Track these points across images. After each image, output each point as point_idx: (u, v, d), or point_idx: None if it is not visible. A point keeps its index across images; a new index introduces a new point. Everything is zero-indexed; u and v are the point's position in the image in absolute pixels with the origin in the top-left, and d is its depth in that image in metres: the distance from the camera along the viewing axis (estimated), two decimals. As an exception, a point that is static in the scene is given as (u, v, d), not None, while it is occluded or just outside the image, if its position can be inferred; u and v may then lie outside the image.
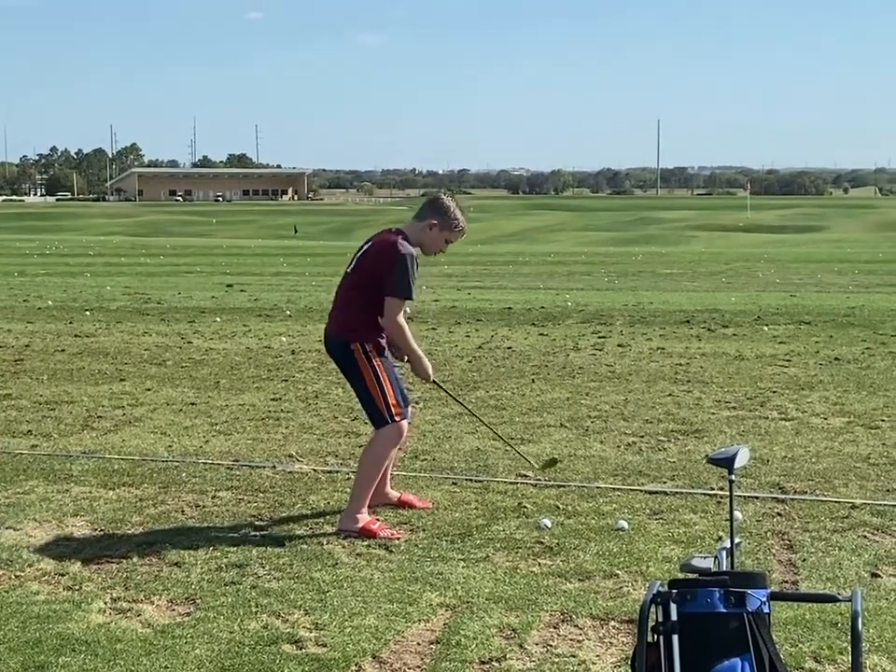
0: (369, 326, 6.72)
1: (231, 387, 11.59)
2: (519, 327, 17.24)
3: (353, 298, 6.77)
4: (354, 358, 6.73)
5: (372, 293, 6.67)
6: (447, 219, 6.81)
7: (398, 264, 6.58)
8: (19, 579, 5.84)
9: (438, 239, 6.85)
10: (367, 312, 6.72)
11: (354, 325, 6.73)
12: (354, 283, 6.79)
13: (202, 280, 29.84)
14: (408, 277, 6.58)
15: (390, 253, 6.63)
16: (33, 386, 11.58)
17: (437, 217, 6.81)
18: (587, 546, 6.33)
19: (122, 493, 7.51)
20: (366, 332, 6.72)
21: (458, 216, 6.85)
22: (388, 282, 6.58)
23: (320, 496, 7.44)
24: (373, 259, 6.72)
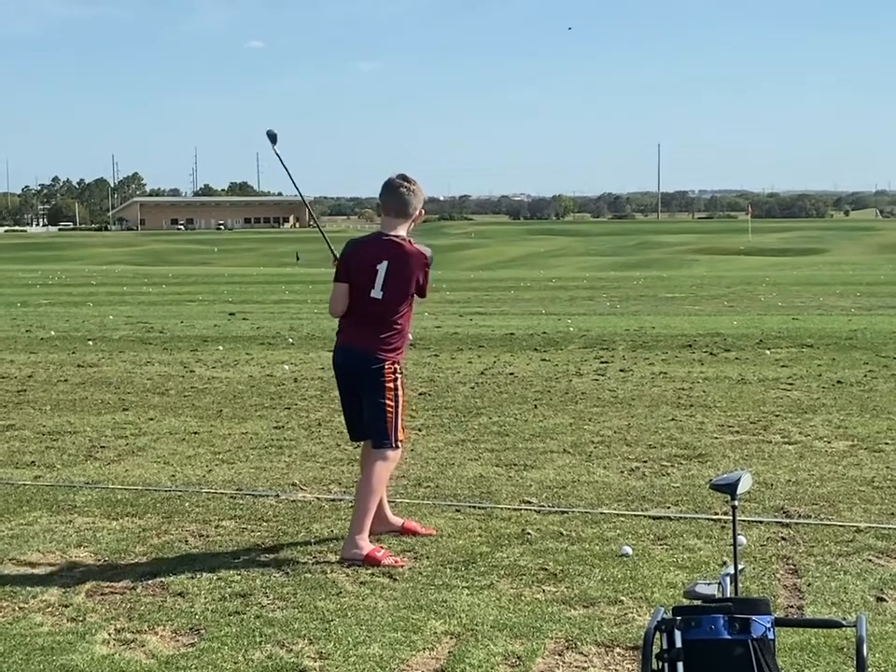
0: (399, 344, 6.85)
1: (234, 416, 11.59)
2: (521, 352, 17.23)
3: (389, 317, 6.79)
4: (383, 375, 6.75)
5: (405, 308, 6.82)
6: (422, 202, 6.95)
7: (430, 268, 6.85)
8: (22, 610, 5.82)
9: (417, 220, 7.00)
10: (399, 328, 6.83)
11: (389, 343, 6.78)
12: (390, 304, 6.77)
13: (204, 309, 29.87)
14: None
15: (421, 263, 6.78)
16: (35, 417, 11.57)
17: (419, 205, 6.91)
18: (591, 572, 6.32)
19: (126, 523, 7.50)
20: (397, 352, 6.83)
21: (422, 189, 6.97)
22: (426, 286, 6.85)
23: (324, 524, 7.43)
24: (406, 276, 6.74)
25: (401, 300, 6.77)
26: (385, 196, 6.86)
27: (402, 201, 6.81)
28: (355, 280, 6.80)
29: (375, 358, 6.76)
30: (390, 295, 6.74)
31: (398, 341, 6.82)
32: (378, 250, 6.78)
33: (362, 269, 6.77)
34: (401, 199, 6.81)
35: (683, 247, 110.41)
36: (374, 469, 6.79)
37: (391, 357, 6.78)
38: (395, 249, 6.75)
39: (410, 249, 6.75)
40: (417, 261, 6.74)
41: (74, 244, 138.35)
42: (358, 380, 6.88)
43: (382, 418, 6.78)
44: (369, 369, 6.79)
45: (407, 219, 6.85)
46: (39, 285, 45.30)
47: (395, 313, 6.78)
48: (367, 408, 6.86)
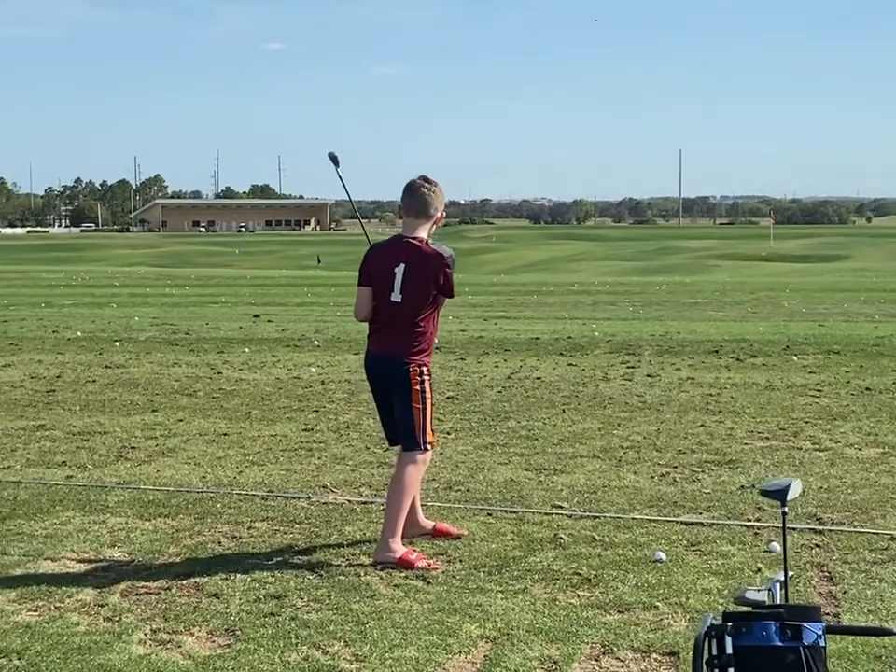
0: (424, 346, 6.82)
1: (263, 418, 11.61)
2: (547, 357, 17.21)
3: (410, 320, 6.78)
4: (408, 378, 6.75)
5: (428, 310, 6.79)
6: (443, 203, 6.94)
7: (452, 269, 6.79)
8: (58, 610, 5.84)
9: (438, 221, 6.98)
10: (423, 331, 6.81)
11: (412, 346, 6.77)
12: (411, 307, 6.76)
13: (227, 311, 29.93)
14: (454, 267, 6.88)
15: (440, 264, 6.73)
16: (65, 417, 11.62)
17: (441, 207, 6.91)
18: (625, 578, 6.31)
19: (159, 524, 7.52)
20: (422, 354, 6.81)
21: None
22: (449, 288, 6.79)
23: (356, 527, 7.43)
24: (425, 278, 6.72)
25: (421, 302, 6.75)
26: (406, 198, 6.87)
27: (422, 202, 6.81)
28: (375, 284, 6.81)
29: (400, 362, 6.76)
30: (410, 298, 6.74)
31: (422, 343, 6.80)
32: (396, 253, 6.78)
33: (381, 272, 6.78)
34: (422, 200, 6.81)
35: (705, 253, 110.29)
36: (405, 471, 6.80)
37: (416, 360, 6.77)
38: (412, 251, 6.74)
39: (427, 251, 6.73)
40: (435, 262, 6.71)
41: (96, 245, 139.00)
42: (387, 384, 6.90)
43: (410, 421, 6.79)
44: (395, 372, 6.80)
45: (428, 221, 6.84)
46: (63, 285, 45.47)
47: (416, 315, 6.76)
48: (396, 411, 6.88)
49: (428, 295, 6.75)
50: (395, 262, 6.74)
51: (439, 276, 6.71)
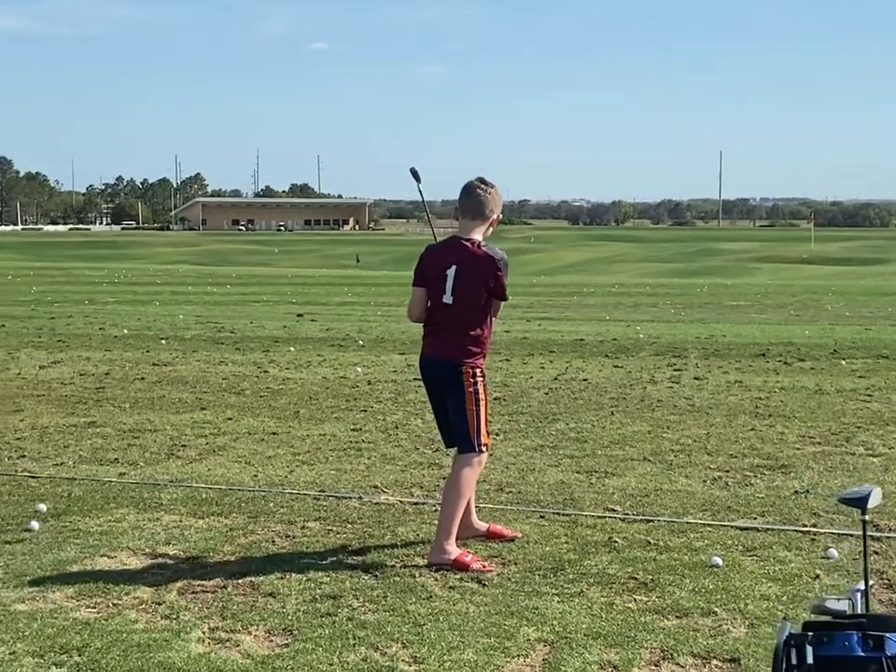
0: (477, 348, 6.78)
1: (311, 417, 11.62)
2: (592, 359, 17.16)
3: (462, 322, 6.76)
4: (461, 380, 6.74)
5: (480, 313, 6.76)
6: (500, 206, 6.91)
7: (504, 270, 6.72)
8: (117, 607, 5.86)
9: (494, 224, 6.93)
10: (476, 333, 6.77)
11: (464, 348, 6.75)
12: (461, 308, 6.75)
13: (268, 309, 30.00)
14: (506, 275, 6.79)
15: (491, 266, 6.68)
16: (116, 414, 11.68)
17: (497, 209, 6.87)
18: (682, 582, 6.27)
19: (212, 522, 7.54)
20: (475, 356, 6.77)
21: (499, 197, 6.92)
22: (501, 290, 6.74)
23: (409, 527, 7.42)
24: (476, 275, 6.69)
25: (472, 304, 6.72)
26: (463, 199, 6.84)
27: (478, 203, 6.78)
28: (429, 284, 6.81)
29: (452, 364, 6.75)
30: (460, 299, 6.71)
31: (474, 346, 6.77)
32: (449, 254, 6.78)
33: (434, 273, 6.78)
34: (477, 201, 6.78)
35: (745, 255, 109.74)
36: (460, 473, 6.78)
37: (469, 362, 6.74)
38: (464, 253, 6.72)
39: (478, 252, 6.69)
40: (486, 264, 6.67)
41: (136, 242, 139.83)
42: (441, 386, 6.89)
43: (463, 423, 6.77)
44: (447, 375, 6.79)
45: (483, 222, 6.80)
46: (105, 283, 45.69)
47: (467, 317, 6.74)
48: (451, 414, 6.87)
49: (479, 297, 6.71)
50: (447, 264, 6.74)
51: (489, 279, 6.67)
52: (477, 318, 6.76)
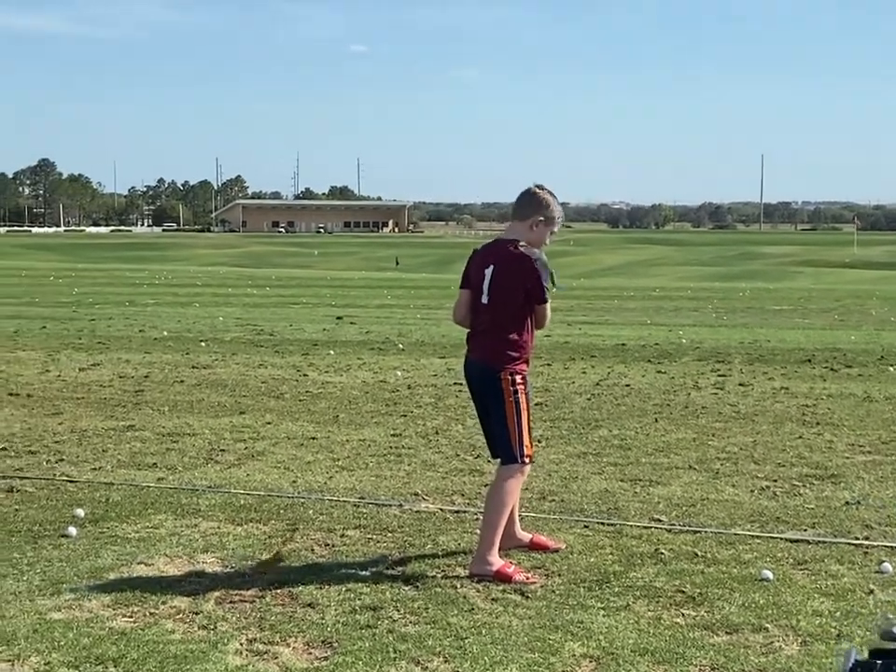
0: (517, 353, 6.60)
1: (351, 422, 11.51)
2: (634, 363, 16.97)
3: (501, 324, 6.61)
4: (500, 387, 6.58)
5: (520, 313, 6.57)
6: (550, 213, 6.68)
7: (540, 271, 6.50)
8: (153, 616, 5.75)
9: (543, 234, 6.71)
10: (514, 337, 6.59)
11: (504, 353, 6.58)
12: (499, 308, 6.61)
13: (308, 312, 29.96)
14: (546, 280, 6.54)
15: (528, 264, 6.50)
16: (154, 418, 11.61)
17: (540, 212, 6.65)
18: (731, 597, 6.09)
19: (251, 529, 7.43)
20: (514, 361, 6.59)
21: (558, 207, 6.74)
22: (538, 291, 6.52)
23: (450, 536, 7.28)
24: (512, 277, 6.55)
25: (508, 305, 6.56)
26: (515, 200, 6.75)
27: (521, 203, 6.68)
28: (473, 286, 6.71)
29: (491, 369, 6.61)
30: (496, 300, 6.58)
31: (513, 350, 6.59)
32: (489, 254, 6.68)
33: (476, 274, 6.69)
34: (522, 201, 6.68)
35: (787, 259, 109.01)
36: (502, 483, 6.62)
37: (508, 368, 6.57)
38: (502, 253, 6.60)
39: (514, 252, 6.55)
40: (522, 265, 6.50)
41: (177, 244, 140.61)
42: (481, 393, 6.76)
43: (505, 433, 6.61)
44: (486, 380, 6.65)
45: (523, 222, 6.65)
46: (146, 284, 45.88)
47: (504, 319, 6.58)
48: (492, 422, 6.73)
49: (516, 298, 6.54)
50: (486, 264, 6.64)
51: (525, 279, 6.49)
52: (515, 321, 6.59)
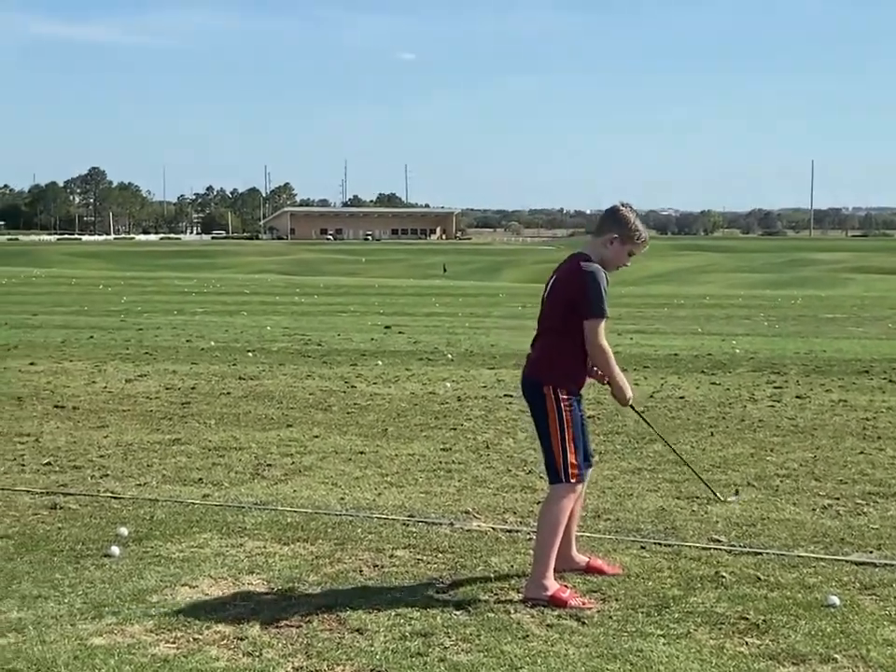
0: (564, 367, 6.38)
1: (400, 436, 11.30)
2: (688, 375, 16.66)
3: (549, 337, 6.45)
4: (544, 403, 6.37)
5: (567, 328, 6.34)
6: (628, 231, 6.42)
7: (589, 285, 6.23)
8: (197, 642, 5.57)
9: (620, 253, 6.47)
10: (562, 351, 6.37)
11: (549, 367, 6.39)
12: (548, 321, 6.45)
13: (355, 320, 29.81)
14: (600, 295, 6.25)
15: (577, 277, 6.28)
16: (201, 431, 11.44)
17: (617, 229, 6.42)
18: (797, 624, 5.83)
19: (297, 549, 7.24)
20: (561, 376, 6.37)
21: (639, 226, 6.46)
22: (584, 306, 6.24)
23: (502, 557, 7.06)
24: (563, 289, 6.36)
25: (556, 316, 6.37)
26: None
27: (602, 219, 6.53)
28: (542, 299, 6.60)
29: (536, 382, 6.42)
30: (548, 313, 6.43)
31: (559, 364, 6.37)
32: (558, 268, 6.55)
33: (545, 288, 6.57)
34: (602, 217, 6.54)
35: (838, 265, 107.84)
36: (548, 506, 6.40)
37: (552, 382, 6.35)
38: (565, 265, 6.45)
39: (571, 265, 6.37)
40: (573, 277, 6.30)
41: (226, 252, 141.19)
42: (529, 407, 6.56)
43: (549, 451, 6.40)
44: (530, 393, 6.48)
45: (597, 238, 6.46)
46: (194, 293, 45.90)
47: (552, 332, 6.40)
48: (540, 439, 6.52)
49: (564, 312, 6.33)
50: (552, 277, 6.51)
51: (575, 292, 6.26)
52: (561, 335, 6.37)
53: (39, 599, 6.16)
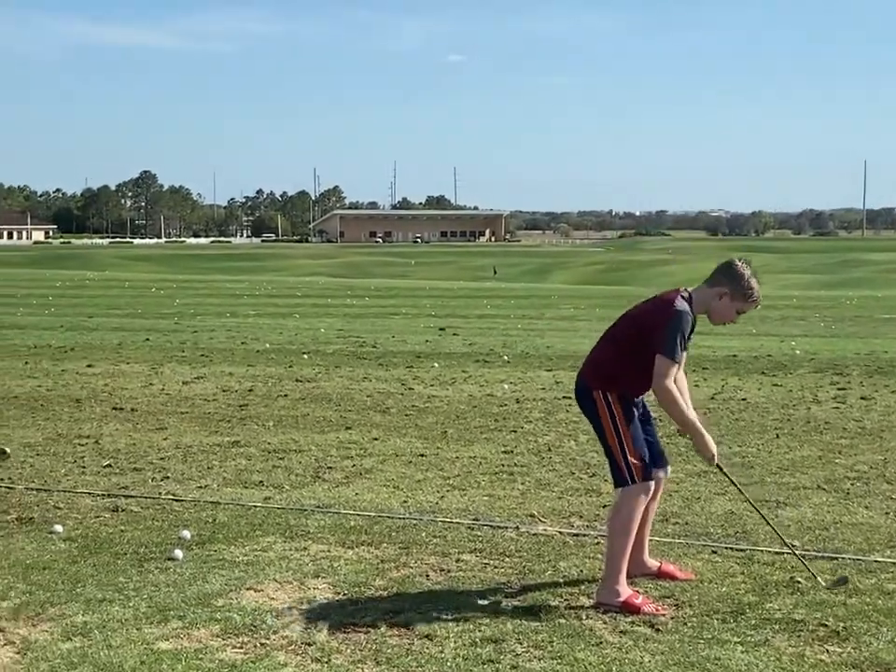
0: (617, 376, 6.25)
1: (460, 438, 11.17)
2: (748, 376, 16.42)
3: (610, 347, 6.34)
4: (595, 407, 6.27)
5: (631, 347, 6.21)
6: (740, 288, 6.23)
7: (671, 321, 6.07)
8: (264, 647, 5.47)
9: (728, 309, 6.29)
10: (619, 364, 6.24)
11: (600, 372, 6.30)
12: (618, 333, 6.35)
13: (408, 322, 29.74)
14: (676, 337, 6.06)
15: (665, 308, 6.13)
16: (260, 433, 11.36)
17: (728, 284, 6.23)
18: (878, 631, 5.66)
19: (362, 553, 7.13)
20: (611, 382, 6.25)
21: (753, 284, 6.25)
22: (658, 340, 6.07)
23: (570, 562, 6.92)
24: (646, 315, 6.25)
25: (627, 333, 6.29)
26: None
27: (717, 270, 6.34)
28: None
29: (584, 387, 6.36)
30: (623, 325, 6.37)
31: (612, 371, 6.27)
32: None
33: None
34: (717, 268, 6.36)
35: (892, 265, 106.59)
36: (618, 510, 6.28)
37: (601, 386, 6.26)
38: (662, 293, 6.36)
39: (668, 297, 6.24)
40: (662, 308, 6.17)
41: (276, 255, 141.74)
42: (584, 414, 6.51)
43: (609, 455, 6.30)
44: (581, 400, 6.43)
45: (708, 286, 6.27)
46: (246, 295, 46.03)
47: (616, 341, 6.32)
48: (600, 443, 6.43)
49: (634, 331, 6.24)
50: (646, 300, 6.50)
51: (656, 323, 6.12)
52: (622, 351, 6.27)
53: (104, 603, 6.09)
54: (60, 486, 8.95)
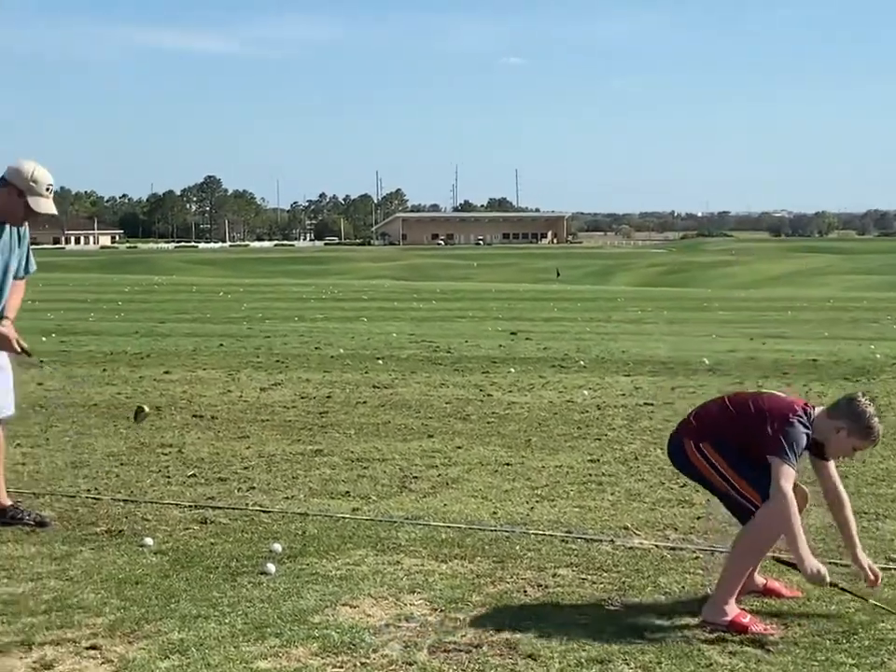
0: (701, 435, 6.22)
1: (544, 446, 11.00)
2: (831, 381, 16.09)
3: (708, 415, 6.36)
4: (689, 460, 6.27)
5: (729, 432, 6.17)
6: (859, 427, 6.05)
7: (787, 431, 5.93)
8: (365, 666, 5.35)
9: (844, 444, 6.14)
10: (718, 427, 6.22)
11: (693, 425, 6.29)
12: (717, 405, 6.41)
13: (475, 325, 29.59)
14: (793, 445, 5.91)
15: (786, 413, 6.02)
16: (342, 442, 11.24)
17: (847, 421, 6.05)
18: None
19: (456, 567, 6.99)
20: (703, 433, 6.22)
21: (874, 424, 6.05)
22: (774, 442, 5.91)
23: (670, 577, 6.75)
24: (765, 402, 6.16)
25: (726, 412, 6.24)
26: None
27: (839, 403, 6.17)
28: None
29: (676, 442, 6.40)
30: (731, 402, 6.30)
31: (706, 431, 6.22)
32: None
33: None
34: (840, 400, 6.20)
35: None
36: (757, 525, 6.01)
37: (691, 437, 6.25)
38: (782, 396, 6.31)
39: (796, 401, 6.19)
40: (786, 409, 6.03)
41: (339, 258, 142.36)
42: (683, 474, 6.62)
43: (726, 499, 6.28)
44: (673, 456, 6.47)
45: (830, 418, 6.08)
46: (313, 299, 46.07)
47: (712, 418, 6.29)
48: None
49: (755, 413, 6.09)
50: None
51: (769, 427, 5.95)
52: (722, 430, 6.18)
53: (199, 619, 5.98)
54: (146, 497, 8.88)
